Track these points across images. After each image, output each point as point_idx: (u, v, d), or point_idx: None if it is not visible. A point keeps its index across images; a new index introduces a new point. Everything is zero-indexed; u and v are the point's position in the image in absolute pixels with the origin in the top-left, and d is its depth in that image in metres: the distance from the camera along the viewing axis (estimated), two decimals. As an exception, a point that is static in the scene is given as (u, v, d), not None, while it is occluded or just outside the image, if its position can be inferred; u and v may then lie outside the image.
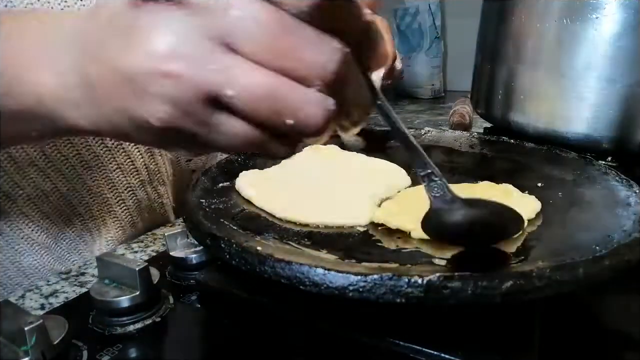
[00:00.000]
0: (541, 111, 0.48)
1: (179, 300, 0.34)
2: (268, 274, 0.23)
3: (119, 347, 0.29)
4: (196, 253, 0.36)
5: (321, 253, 0.28)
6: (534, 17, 0.47)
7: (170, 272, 0.37)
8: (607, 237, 0.27)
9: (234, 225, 0.30)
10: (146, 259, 0.42)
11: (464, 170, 0.44)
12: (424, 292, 0.21)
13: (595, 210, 0.32)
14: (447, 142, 0.50)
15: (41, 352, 0.25)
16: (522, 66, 0.49)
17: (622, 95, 0.42)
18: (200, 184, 0.36)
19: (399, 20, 1.32)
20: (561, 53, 0.45)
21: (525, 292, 0.21)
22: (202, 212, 0.31)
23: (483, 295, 0.21)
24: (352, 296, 0.22)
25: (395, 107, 1.19)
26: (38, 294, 0.36)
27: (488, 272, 0.22)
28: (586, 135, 0.45)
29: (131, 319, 0.31)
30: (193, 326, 0.31)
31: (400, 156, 0.48)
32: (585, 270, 0.22)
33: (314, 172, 0.41)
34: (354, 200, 0.35)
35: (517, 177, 0.40)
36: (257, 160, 0.44)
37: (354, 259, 0.27)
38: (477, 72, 0.59)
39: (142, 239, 0.46)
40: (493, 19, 0.54)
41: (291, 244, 0.29)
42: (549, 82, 0.46)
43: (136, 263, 0.31)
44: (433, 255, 0.28)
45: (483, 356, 0.25)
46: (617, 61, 0.42)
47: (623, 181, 0.35)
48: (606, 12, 0.41)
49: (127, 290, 0.31)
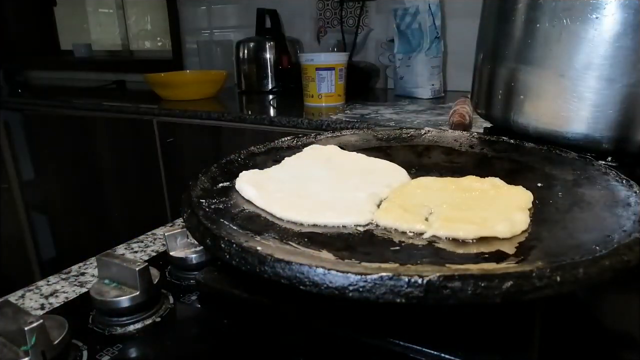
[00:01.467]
0: (541, 111, 0.48)
1: (179, 300, 0.34)
2: (268, 274, 0.23)
3: (119, 347, 0.29)
4: (196, 253, 0.36)
5: (321, 253, 0.28)
6: (534, 17, 0.47)
7: (170, 272, 0.37)
8: (607, 237, 0.27)
9: (234, 225, 0.30)
10: (146, 259, 0.42)
11: (464, 170, 0.43)
12: (424, 292, 0.21)
13: (595, 210, 0.32)
14: (447, 142, 0.50)
15: (41, 352, 0.25)
16: (522, 66, 0.49)
17: (622, 95, 0.42)
18: (200, 184, 0.36)
19: (399, 20, 1.32)
20: (561, 53, 0.45)
21: (525, 292, 0.21)
22: (202, 212, 0.31)
23: (483, 295, 0.21)
24: (352, 296, 0.22)
25: (396, 107, 1.19)
26: (38, 294, 0.36)
27: (488, 272, 0.22)
28: (586, 135, 0.45)
29: (131, 319, 0.31)
30: (193, 326, 0.31)
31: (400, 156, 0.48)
32: (585, 270, 0.22)
33: (314, 172, 0.41)
34: (354, 200, 0.35)
35: (517, 177, 0.40)
36: (257, 160, 0.44)
37: (354, 259, 0.27)
38: (477, 72, 0.59)
39: (142, 239, 0.46)
40: (493, 19, 0.54)
41: (291, 244, 0.29)
42: (549, 82, 0.46)
43: (136, 263, 0.31)
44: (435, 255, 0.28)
45: (483, 356, 0.25)
46: (617, 61, 0.42)
47: (623, 181, 0.35)
48: (606, 12, 0.41)
49: (127, 290, 0.31)
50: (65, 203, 1.71)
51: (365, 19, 1.59)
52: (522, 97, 0.49)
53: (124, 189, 1.50)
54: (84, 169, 1.57)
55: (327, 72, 1.22)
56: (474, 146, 0.49)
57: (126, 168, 1.47)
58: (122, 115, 1.38)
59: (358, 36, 1.56)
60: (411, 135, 0.52)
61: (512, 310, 0.27)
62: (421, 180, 0.40)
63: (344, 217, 0.33)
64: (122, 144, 1.45)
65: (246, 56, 1.55)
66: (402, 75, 1.37)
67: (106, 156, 1.50)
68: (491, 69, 0.54)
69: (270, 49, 1.53)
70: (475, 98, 0.59)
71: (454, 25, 1.42)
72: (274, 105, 1.38)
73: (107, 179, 1.53)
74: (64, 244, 1.82)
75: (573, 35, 0.43)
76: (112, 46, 2.43)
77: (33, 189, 1.78)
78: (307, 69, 1.24)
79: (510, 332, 0.26)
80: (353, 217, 0.33)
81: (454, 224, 0.30)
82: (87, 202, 1.63)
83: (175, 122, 1.28)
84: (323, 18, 1.67)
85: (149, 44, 2.34)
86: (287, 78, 1.50)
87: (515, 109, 0.50)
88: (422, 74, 1.32)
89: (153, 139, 1.33)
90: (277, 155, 0.45)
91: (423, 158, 0.48)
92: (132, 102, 1.41)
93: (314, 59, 1.22)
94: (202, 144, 1.26)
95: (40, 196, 1.78)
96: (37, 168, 1.76)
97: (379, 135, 0.52)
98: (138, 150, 1.41)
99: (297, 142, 0.49)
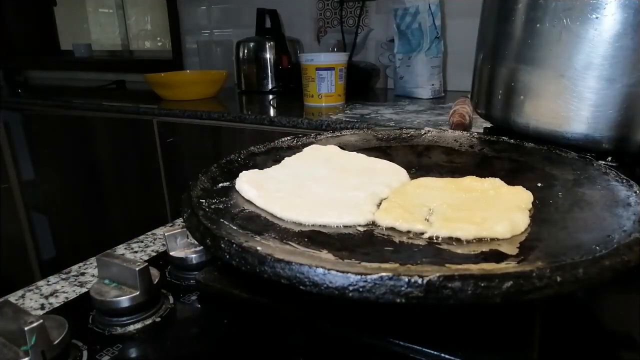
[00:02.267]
0: (541, 111, 0.48)
1: (179, 300, 0.34)
2: (268, 274, 0.23)
3: (119, 347, 0.29)
4: (196, 253, 0.36)
5: (321, 253, 0.28)
6: (534, 17, 0.47)
7: (170, 272, 0.37)
8: (607, 237, 0.27)
9: (234, 225, 0.30)
10: (146, 259, 0.42)
11: (464, 170, 0.43)
12: (424, 292, 0.21)
13: (595, 210, 0.32)
14: (447, 142, 0.50)
15: (41, 352, 0.25)
16: (522, 66, 0.49)
17: (622, 95, 0.42)
18: (200, 184, 0.36)
19: (399, 20, 1.32)
20: (561, 53, 0.45)
21: (525, 292, 0.21)
22: (202, 212, 0.31)
23: (483, 295, 0.21)
24: (352, 296, 0.22)
25: (396, 107, 1.19)
26: (38, 293, 0.36)
27: (488, 272, 0.22)
28: (586, 135, 0.45)
29: (131, 319, 0.31)
30: (193, 326, 0.31)
31: (400, 156, 0.48)
32: (585, 270, 0.22)
33: (314, 172, 0.41)
34: (354, 200, 0.35)
35: (517, 177, 0.40)
36: (257, 160, 0.44)
37: (354, 259, 0.27)
38: (477, 72, 0.59)
39: (142, 239, 0.46)
40: (493, 19, 0.54)
41: (291, 244, 0.29)
42: (549, 82, 0.46)
43: (136, 263, 0.31)
44: (435, 256, 0.28)
45: (483, 356, 0.25)
46: (617, 61, 0.42)
47: (623, 181, 0.35)
48: (606, 12, 0.41)
49: (127, 290, 0.31)
50: (65, 203, 1.71)
51: (365, 19, 1.59)
52: (522, 97, 0.49)
53: (124, 189, 1.50)
54: (84, 169, 1.57)
55: (327, 72, 1.22)
56: (474, 146, 0.49)
57: (126, 168, 1.47)
58: (122, 115, 1.38)
59: (358, 36, 1.56)
60: (411, 135, 0.52)
61: (512, 310, 0.27)
62: (421, 180, 0.40)
63: (344, 216, 0.33)
64: (122, 144, 1.45)
65: (246, 56, 1.55)
66: (402, 75, 1.37)
67: (106, 156, 1.50)
68: (491, 69, 0.54)
69: (270, 49, 1.53)
70: (475, 98, 0.59)
71: (454, 25, 1.42)
72: (274, 105, 1.38)
73: (107, 179, 1.53)
74: (64, 244, 1.82)
75: (573, 35, 0.43)
76: (112, 46, 2.44)
77: (33, 189, 1.78)
78: (307, 69, 1.24)
79: (510, 332, 0.26)
80: (353, 217, 0.33)
81: (454, 224, 0.30)
82: (87, 202, 1.63)
83: (175, 122, 1.28)
84: (323, 18, 1.67)
85: (149, 44, 2.34)
86: (287, 78, 1.50)
87: (515, 109, 0.50)
88: (422, 74, 1.32)
89: (153, 139, 1.33)
90: (277, 155, 0.45)
91: (423, 158, 0.48)
92: (132, 102, 1.41)
93: (314, 59, 1.22)
94: (202, 144, 1.26)
95: (40, 196, 1.78)
96: (37, 168, 1.76)
97: (379, 135, 0.52)
98: (138, 150, 1.41)
99: (297, 142, 0.49)
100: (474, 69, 0.59)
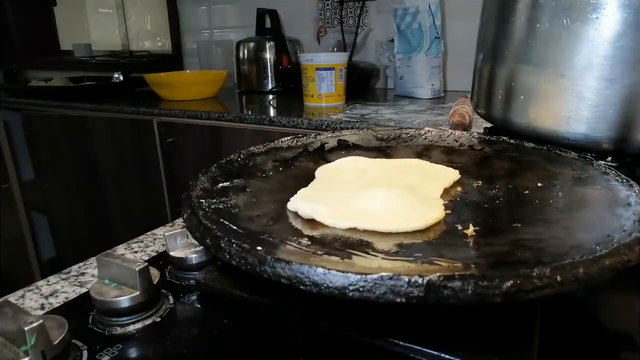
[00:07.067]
0: (541, 111, 0.48)
1: (179, 300, 0.34)
2: (268, 274, 0.23)
3: (119, 347, 0.29)
4: (196, 253, 0.36)
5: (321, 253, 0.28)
6: (534, 17, 0.47)
7: (170, 272, 0.37)
8: (607, 237, 0.27)
9: (234, 225, 0.30)
10: (146, 259, 0.42)
11: (463, 170, 0.43)
12: (424, 292, 0.21)
13: (595, 210, 0.32)
14: (447, 142, 0.50)
15: (41, 352, 0.25)
16: (522, 66, 0.49)
17: (622, 95, 0.42)
18: (200, 184, 0.36)
19: (399, 20, 1.32)
20: (561, 53, 0.45)
21: (526, 292, 0.21)
22: (202, 212, 0.31)
23: (483, 295, 0.21)
24: (352, 296, 0.22)
25: (396, 107, 1.19)
26: (38, 294, 0.36)
27: (488, 272, 0.22)
28: (586, 135, 0.45)
29: (131, 319, 0.31)
30: (193, 326, 0.31)
31: (400, 156, 0.48)
32: (586, 270, 0.22)
33: (358, 179, 0.40)
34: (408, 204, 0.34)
35: (517, 177, 0.40)
36: (257, 160, 0.44)
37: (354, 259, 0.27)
38: (477, 72, 0.59)
39: (142, 239, 0.46)
40: (493, 19, 0.54)
41: (291, 244, 0.29)
42: (549, 82, 0.46)
43: (136, 263, 0.31)
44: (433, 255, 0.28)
45: (483, 356, 0.25)
46: (617, 61, 0.42)
47: (623, 181, 0.35)
48: (606, 12, 0.41)
49: (127, 290, 0.31)
50: (65, 203, 1.71)
51: (365, 19, 1.59)
52: (522, 97, 0.49)
53: (124, 189, 1.50)
54: (84, 169, 1.57)
55: (327, 72, 1.22)
56: (474, 146, 0.49)
57: (126, 168, 1.47)
58: (122, 115, 1.38)
59: (358, 36, 1.56)
60: (411, 135, 0.52)
61: (512, 310, 0.27)
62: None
63: (402, 222, 0.31)
64: (122, 144, 1.45)
65: (246, 56, 1.55)
66: (402, 75, 1.37)
67: (106, 156, 1.50)
68: (491, 69, 0.54)
69: (270, 49, 1.53)
70: (475, 98, 0.59)
71: (454, 25, 1.42)
72: (274, 105, 1.38)
73: (107, 179, 1.53)
74: (64, 244, 1.82)
75: (573, 35, 0.43)
76: (112, 46, 2.43)
77: (33, 189, 1.78)
78: (307, 69, 1.24)
79: (510, 332, 0.26)
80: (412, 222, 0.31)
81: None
82: (87, 202, 1.63)
83: (175, 122, 1.28)
84: (323, 18, 1.67)
85: (149, 44, 2.34)
86: (287, 78, 1.50)
87: (515, 109, 0.50)
88: (422, 74, 1.32)
89: (153, 139, 1.33)
90: (277, 155, 0.45)
91: (423, 158, 0.48)
92: (132, 102, 1.41)
93: (314, 59, 1.22)
94: (202, 144, 1.26)
95: (40, 196, 1.78)
96: (37, 168, 1.76)
97: (379, 135, 0.52)
98: (138, 150, 1.41)
99: (297, 142, 0.49)
100: (474, 69, 0.59)
